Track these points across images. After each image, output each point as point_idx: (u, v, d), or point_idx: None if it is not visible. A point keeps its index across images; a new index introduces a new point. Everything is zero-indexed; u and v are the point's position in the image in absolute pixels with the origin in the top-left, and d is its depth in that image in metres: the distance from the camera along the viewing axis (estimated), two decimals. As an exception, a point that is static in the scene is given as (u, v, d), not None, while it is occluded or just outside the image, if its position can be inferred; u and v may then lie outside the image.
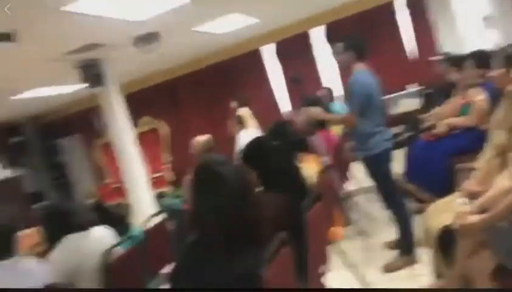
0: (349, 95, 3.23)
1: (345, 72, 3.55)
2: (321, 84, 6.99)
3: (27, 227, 4.24)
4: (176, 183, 7.92)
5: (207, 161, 1.68)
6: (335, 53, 3.28)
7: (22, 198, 5.89)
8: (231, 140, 6.20)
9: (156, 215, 3.30)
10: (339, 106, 5.29)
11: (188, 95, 8.27)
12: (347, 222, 4.03)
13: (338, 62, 3.42)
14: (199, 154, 4.31)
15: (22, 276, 1.94)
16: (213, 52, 7.58)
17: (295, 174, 2.42)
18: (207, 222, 1.51)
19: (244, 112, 6.17)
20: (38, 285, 1.96)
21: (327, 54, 5.97)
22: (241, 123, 5.74)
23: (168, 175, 8.05)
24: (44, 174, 9.06)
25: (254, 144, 2.34)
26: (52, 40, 4.21)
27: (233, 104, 6.52)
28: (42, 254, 2.60)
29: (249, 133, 5.38)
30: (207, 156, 3.07)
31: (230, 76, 7.89)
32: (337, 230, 3.24)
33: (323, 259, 2.25)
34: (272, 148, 2.33)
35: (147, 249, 2.74)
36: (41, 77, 5.60)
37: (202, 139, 4.46)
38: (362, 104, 3.05)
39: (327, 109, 3.99)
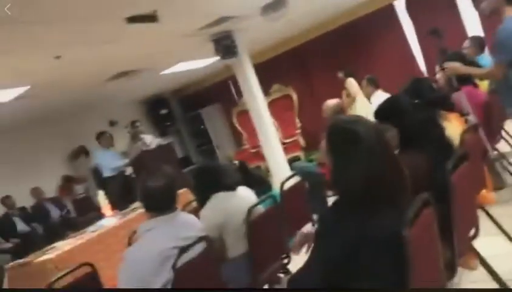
0: (496, 45, 2.86)
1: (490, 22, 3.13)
2: (465, 36, 6.30)
3: (179, 188, 4.74)
4: (307, 148, 8.05)
5: (339, 120, 1.63)
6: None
7: (175, 162, 6.58)
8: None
9: (291, 177, 3.40)
10: (488, 60, 4.72)
11: (316, 60, 8.20)
12: (501, 186, 3.65)
13: (481, 9, 3.02)
14: (330, 117, 4.30)
15: (183, 227, 2.18)
16: (341, 14, 7.34)
17: (437, 133, 2.26)
18: (346, 182, 1.48)
19: (351, 82, 6.11)
20: (197, 235, 2.20)
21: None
22: (349, 95, 5.64)
23: (301, 140, 8.19)
24: (190, 141, 9.97)
25: (390, 101, 2.23)
26: (187, 17, 4.51)
27: (340, 74, 6.47)
28: (193, 212, 2.89)
29: (380, 96, 5.17)
30: (338, 116, 3.03)
31: (359, 36, 7.57)
32: (488, 194, 2.97)
33: (472, 223, 2.09)
34: (410, 105, 2.19)
35: (284, 209, 2.86)
36: (181, 53, 6.09)
37: (332, 102, 4.43)
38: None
39: (473, 63, 3.60)
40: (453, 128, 2.89)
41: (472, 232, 2.07)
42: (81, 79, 5.53)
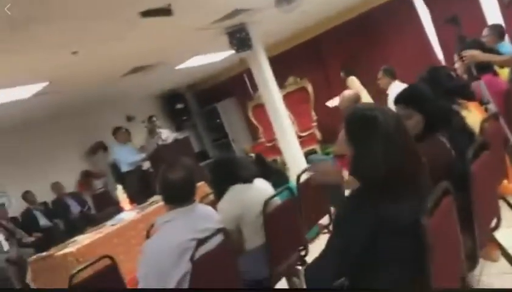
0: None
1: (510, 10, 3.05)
2: (484, 24, 6.15)
3: (197, 181, 4.77)
4: (324, 141, 8.00)
5: (358, 108, 1.62)
6: None
7: (191, 156, 6.63)
8: (378, 95, 5.97)
9: (307, 170, 3.39)
10: (508, 48, 4.60)
11: (331, 52, 8.12)
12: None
13: None
14: (346, 109, 4.26)
15: (201, 219, 2.19)
16: (356, 4, 7.25)
17: (457, 121, 2.22)
18: (366, 169, 1.47)
19: (353, 80, 6.42)
20: (215, 227, 2.22)
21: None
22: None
23: (317, 133, 8.14)
24: (206, 135, 10.01)
25: (412, 88, 2.20)
26: (201, 10, 4.51)
27: (342, 73, 6.80)
28: (210, 205, 2.90)
29: (397, 86, 5.11)
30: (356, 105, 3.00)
31: (374, 27, 7.47)
32: (510, 185, 2.90)
33: (493, 214, 2.05)
34: (429, 93, 2.15)
35: (301, 201, 2.85)
36: (195, 47, 6.09)
37: (349, 93, 4.39)
38: None
39: (492, 51, 3.51)
40: (473, 116, 2.84)
41: (494, 222, 2.04)
42: (98, 75, 5.59)
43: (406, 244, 1.41)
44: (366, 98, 5.83)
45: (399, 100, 2.16)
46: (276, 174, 3.10)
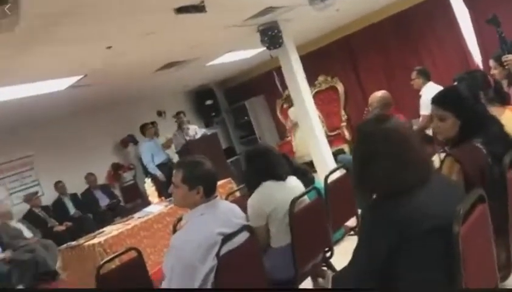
0: None
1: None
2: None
3: (223, 178, 4.80)
4: (352, 141, 7.90)
5: (361, 124, 1.64)
6: None
7: (219, 152, 6.68)
8: (410, 96, 5.85)
9: (336, 170, 3.35)
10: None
11: (364, 52, 7.99)
12: None
13: None
14: (376, 109, 4.20)
15: (228, 214, 2.20)
16: (391, 3, 7.11)
17: (492, 127, 2.14)
18: (369, 185, 1.50)
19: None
20: (241, 223, 2.22)
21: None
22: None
23: (346, 132, 8.05)
24: (233, 132, 10.05)
25: (450, 89, 2.14)
26: (234, 7, 4.52)
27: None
28: (235, 202, 2.91)
29: (430, 88, 5.00)
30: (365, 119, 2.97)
31: (409, 27, 7.30)
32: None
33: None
34: (467, 96, 2.09)
35: (328, 202, 2.82)
36: (227, 44, 6.12)
37: (378, 94, 4.33)
38: None
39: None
40: (510, 123, 2.74)
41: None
42: (132, 70, 5.69)
43: (433, 250, 1.38)
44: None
45: (436, 100, 2.10)
46: (302, 174, 3.07)
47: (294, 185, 2.71)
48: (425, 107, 4.84)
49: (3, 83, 4.39)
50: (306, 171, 3.17)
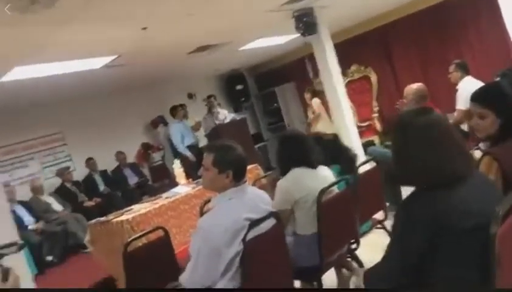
0: None
1: None
2: None
3: (251, 163, 4.80)
4: (383, 133, 7.76)
5: (399, 115, 1.59)
6: None
7: (247, 137, 6.69)
8: (445, 89, 5.68)
9: (366, 162, 3.30)
10: None
11: (399, 42, 7.79)
12: None
13: None
14: (411, 102, 4.11)
15: (255, 199, 2.20)
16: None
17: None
18: (405, 176, 1.47)
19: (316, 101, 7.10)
20: (269, 208, 2.22)
21: None
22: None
23: (378, 124, 7.91)
24: (262, 118, 10.03)
25: (492, 86, 2.06)
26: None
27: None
28: (262, 189, 2.90)
29: (468, 82, 4.84)
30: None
31: (449, 19, 7.05)
32: None
33: None
34: (509, 94, 2.00)
35: (357, 193, 2.78)
36: (261, 29, 6.07)
37: (414, 86, 4.23)
38: None
39: None
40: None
41: None
42: (165, 51, 5.72)
43: (469, 248, 1.35)
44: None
45: (477, 97, 2.02)
46: (346, 161, 3.04)
47: (325, 174, 2.69)
48: (462, 101, 4.70)
49: (41, 60, 4.50)
50: (352, 160, 3.11)
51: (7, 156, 6.65)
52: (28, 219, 5.81)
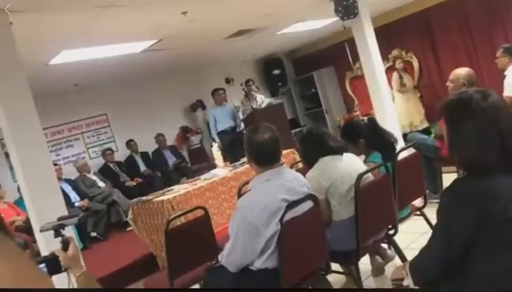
0: None
1: None
2: None
3: (287, 148, 4.81)
4: (427, 118, 7.56)
5: (454, 94, 1.53)
6: None
7: (283, 122, 6.68)
8: (491, 76, 5.46)
9: (406, 148, 3.25)
10: None
11: (443, 27, 7.50)
12: None
13: None
14: (458, 87, 3.98)
15: (292, 181, 2.23)
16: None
17: None
18: (460, 156, 1.43)
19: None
20: (307, 191, 2.26)
21: None
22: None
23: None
24: (299, 103, 9.99)
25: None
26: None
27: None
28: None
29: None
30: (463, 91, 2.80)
31: (496, 2, 6.73)
32: None
33: None
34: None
35: (395, 180, 2.76)
36: (300, 13, 6.00)
37: (462, 71, 4.08)
38: None
39: None
40: None
41: None
42: (204, 36, 5.78)
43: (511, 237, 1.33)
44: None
45: None
46: (386, 147, 3.03)
47: (351, 161, 2.70)
48: (510, 88, 4.52)
49: (86, 44, 4.66)
50: (392, 147, 3.09)
51: (54, 137, 6.96)
52: (74, 196, 6.09)
